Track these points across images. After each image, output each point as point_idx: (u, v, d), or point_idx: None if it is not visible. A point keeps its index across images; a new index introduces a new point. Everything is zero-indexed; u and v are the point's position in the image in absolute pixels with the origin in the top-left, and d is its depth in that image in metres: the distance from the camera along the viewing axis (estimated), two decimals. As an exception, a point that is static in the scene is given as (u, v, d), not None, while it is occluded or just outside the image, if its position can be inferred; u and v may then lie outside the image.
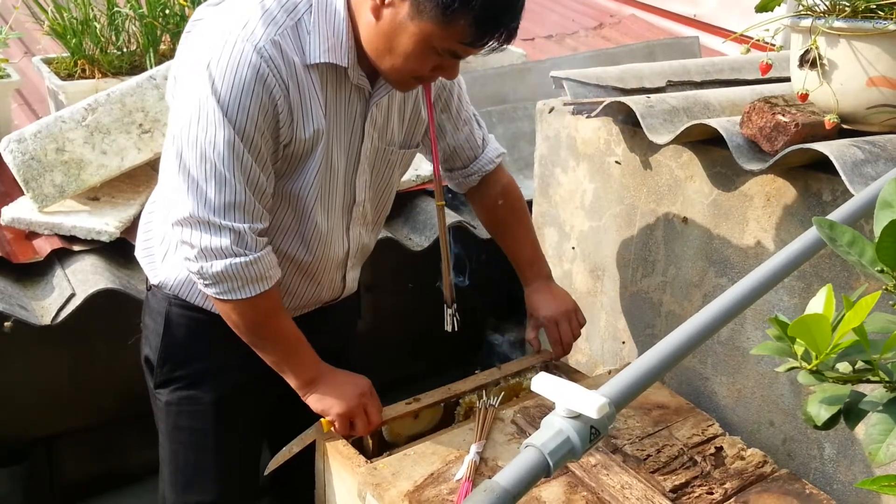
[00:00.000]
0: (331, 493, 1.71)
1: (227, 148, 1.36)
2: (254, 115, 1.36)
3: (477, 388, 1.81)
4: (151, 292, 1.68)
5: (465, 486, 1.51)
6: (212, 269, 1.41)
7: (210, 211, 1.39)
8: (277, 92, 1.37)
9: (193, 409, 1.67)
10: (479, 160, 1.82)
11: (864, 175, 1.43)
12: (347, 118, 1.51)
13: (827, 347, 0.70)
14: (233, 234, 1.40)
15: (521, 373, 1.89)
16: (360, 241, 1.69)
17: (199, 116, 1.36)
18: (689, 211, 1.89)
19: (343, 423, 1.59)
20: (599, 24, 4.48)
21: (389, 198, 1.74)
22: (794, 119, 1.56)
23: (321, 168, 1.50)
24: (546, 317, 1.86)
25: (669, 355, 0.94)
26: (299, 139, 1.44)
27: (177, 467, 1.72)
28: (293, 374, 1.57)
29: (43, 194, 2.09)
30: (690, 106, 1.87)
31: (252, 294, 1.45)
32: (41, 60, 2.52)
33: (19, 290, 1.98)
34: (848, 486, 1.65)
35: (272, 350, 1.56)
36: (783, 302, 1.71)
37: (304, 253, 1.59)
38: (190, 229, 1.41)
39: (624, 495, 1.49)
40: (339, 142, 1.51)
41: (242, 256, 1.41)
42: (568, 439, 0.83)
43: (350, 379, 1.62)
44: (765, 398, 1.79)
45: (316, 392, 1.58)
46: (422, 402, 1.75)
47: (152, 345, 1.67)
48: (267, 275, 1.46)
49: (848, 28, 1.53)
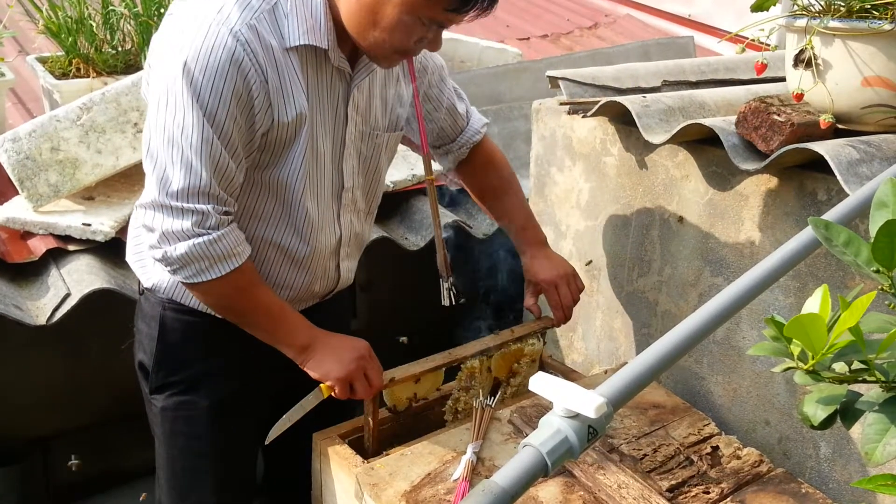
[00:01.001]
0: (328, 494, 1.71)
1: (195, 133, 1.34)
2: (226, 99, 1.34)
3: (478, 353, 1.79)
4: (144, 297, 1.67)
5: (462, 486, 1.51)
6: (175, 252, 1.39)
7: (173, 196, 1.37)
8: (253, 76, 1.36)
9: (190, 414, 1.65)
10: (465, 132, 1.83)
11: (859, 175, 1.44)
12: (330, 102, 1.51)
13: (823, 347, 0.71)
14: (195, 215, 1.38)
15: (521, 339, 1.87)
16: (352, 230, 1.67)
17: (168, 100, 1.35)
18: (685, 210, 1.90)
19: (343, 387, 1.55)
20: (595, 23, 4.49)
21: (379, 185, 1.72)
22: (789, 119, 1.57)
23: (307, 154, 1.49)
24: (545, 280, 1.86)
25: (666, 355, 0.95)
26: (281, 123, 1.43)
27: (174, 473, 1.71)
28: (285, 343, 1.54)
29: (38, 194, 2.09)
30: (686, 105, 1.88)
31: (222, 273, 1.42)
32: (36, 59, 2.51)
33: (14, 290, 1.98)
34: (843, 486, 1.65)
35: (258, 324, 1.53)
36: (779, 301, 1.71)
37: (297, 242, 1.57)
38: (153, 212, 1.39)
39: (621, 495, 1.49)
40: (323, 126, 1.50)
41: (205, 236, 1.39)
42: (566, 439, 0.83)
43: (347, 342, 1.58)
44: (760, 397, 1.79)
45: (313, 358, 1.54)
46: (423, 367, 1.72)
47: (147, 350, 1.65)
48: (234, 251, 1.43)
49: (843, 28, 1.53)
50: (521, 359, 1.88)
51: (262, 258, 1.57)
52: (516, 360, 1.88)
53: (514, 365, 1.88)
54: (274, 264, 1.58)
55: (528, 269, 1.90)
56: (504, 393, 1.88)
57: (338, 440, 1.70)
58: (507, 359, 1.86)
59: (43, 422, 2.48)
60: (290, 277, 1.62)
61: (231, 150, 1.39)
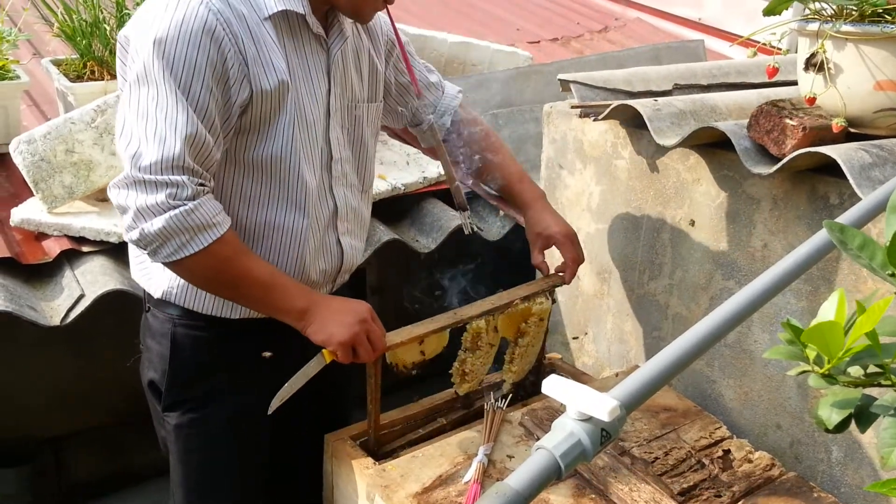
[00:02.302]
0: (339, 495, 1.71)
1: (170, 105, 1.33)
2: (201, 70, 1.33)
3: (484, 313, 1.73)
4: (151, 313, 1.63)
5: (474, 488, 1.52)
6: (152, 228, 1.33)
7: (146, 170, 1.32)
8: (227, 45, 1.35)
9: (205, 430, 1.63)
10: (443, 99, 1.85)
11: (871, 179, 1.44)
12: (313, 70, 1.51)
13: (839, 352, 0.71)
14: (169, 187, 1.32)
15: (529, 297, 1.80)
16: (347, 203, 1.65)
17: (142, 77, 1.34)
18: (696, 214, 1.90)
19: (345, 351, 1.51)
20: (604, 27, 4.49)
21: (368, 160, 1.71)
22: (801, 122, 1.57)
23: (296, 123, 1.48)
24: (558, 232, 1.80)
25: (679, 358, 0.95)
26: (264, 91, 1.42)
27: (190, 489, 1.68)
28: (283, 309, 1.48)
29: (52, 195, 2.10)
30: (697, 109, 1.88)
31: (204, 244, 1.37)
32: (50, 62, 2.53)
33: (29, 291, 1.99)
34: (856, 490, 1.65)
35: (251, 295, 1.47)
36: (790, 305, 1.71)
37: (299, 218, 1.54)
38: (126, 190, 1.34)
39: (632, 498, 1.49)
40: (309, 95, 1.51)
41: (181, 207, 1.33)
42: (579, 442, 0.83)
43: (348, 306, 1.53)
44: (772, 401, 1.79)
45: (314, 323, 1.49)
46: (427, 328, 1.67)
47: (157, 368, 1.62)
48: (213, 221, 1.37)
49: (855, 32, 1.53)
50: (529, 318, 1.82)
51: (264, 245, 1.54)
52: (524, 319, 1.82)
53: (522, 325, 1.82)
54: (275, 248, 1.55)
55: (536, 222, 1.83)
56: (512, 353, 1.84)
57: (349, 441, 1.70)
58: (515, 318, 1.81)
59: (55, 422, 2.50)
60: (292, 257, 1.58)
61: (208, 123, 1.37)
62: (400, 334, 1.64)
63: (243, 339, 1.60)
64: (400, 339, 1.62)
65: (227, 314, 1.57)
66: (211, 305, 1.56)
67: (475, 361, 1.77)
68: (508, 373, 1.88)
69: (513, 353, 1.85)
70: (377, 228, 2.36)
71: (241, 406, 1.62)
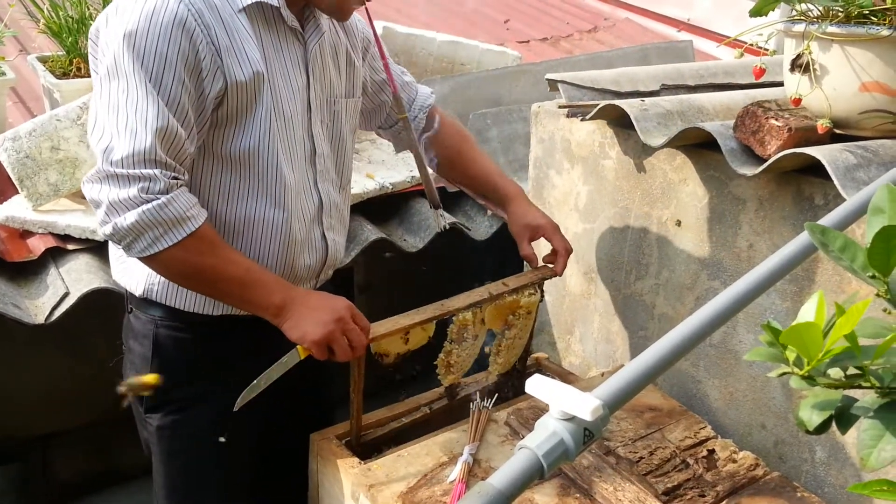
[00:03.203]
0: (324, 494, 1.71)
1: (140, 99, 1.31)
2: (172, 62, 1.32)
3: (471, 305, 1.72)
4: (133, 315, 1.61)
5: (459, 487, 1.52)
6: (125, 222, 1.32)
7: (118, 164, 1.31)
8: (199, 36, 1.34)
9: (188, 432, 1.62)
10: (417, 99, 1.86)
11: (856, 180, 1.44)
12: (290, 63, 1.51)
13: (818, 354, 0.71)
14: (142, 181, 1.31)
15: (518, 290, 1.79)
16: (330, 199, 1.65)
17: (112, 71, 1.33)
18: (683, 214, 1.90)
19: (319, 350, 1.47)
20: (594, 27, 4.49)
21: (347, 156, 1.71)
22: (787, 123, 1.57)
23: (273, 117, 1.47)
24: (546, 224, 1.82)
25: (663, 358, 0.95)
26: (239, 84, 1.41)
27: (174, 489, 1.67)
28: (260, 305, 1.45)
29: (37, 193, 2.09)
30: (684, 109, 1.88)
31: (177, 239, 1.35)
32: (36, 59, 2.51)
33: (13, 289, 1.98)
34: (839, 490, 1.66)
35: (227, 291, 1.45)
36: (775, 305, 1.72)
37: (278, 212, 1.53)
38: (99, 185, 1.33)
39: (617, 497, 1.50)
40: (286, 88, 1.50)
41: (154, 201, 1.32)
42: (562, 441, 0.83)
43: (326, 302, 1.49)
44: (756, 401, 1.80)
45: (289, 319, 1.46)
46: (412, 319, 1.64)
47: (139, 370, 1.59)
48: (187, 215, 1.35)
49: (841, 33, 1.54)
50: (517, 310, 1.81)
51: (245, 240, 1.53)
52: (512, 311, 1.81)
53: (510, 317, 1.81)
54: (257, 243, 1.53)
55: (522, 215, 1.83)
56: (498, 346, 1.84)
57: (335, 440, 1.70)
58: (502, 310, 1.80)
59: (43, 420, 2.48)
60: (274, 252, 1.56)
61: (180, 117, 1.35)
62: (385, 325, 1.61)
63: (227, 339, 1.59)
64: (385, 330, 1.60)
65: (209, 311, 1.56)
66: (193, 303, 1.55)
67: (461, 353, 1.75)
68: (495, 364, 1.88)
69: (499, 346, 1.85)
70: (364, 227, 2.36)
71: (226, 407, 1.57)
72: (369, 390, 1.67)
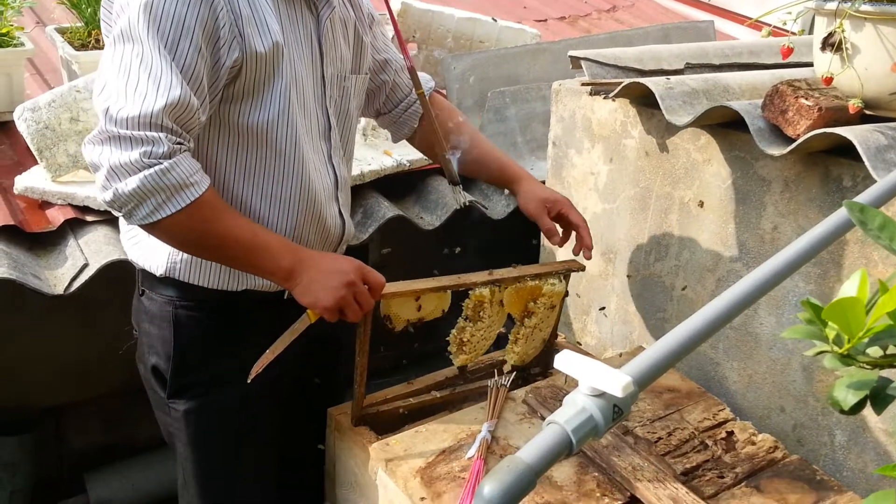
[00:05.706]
0: (341, 468, 1.71)
1: (154, 63, 1.27)
2: (190, 28, 1.29)
3: (489, 282, 1.68)
4: (147, 297, 1.58)
5: (477, 463, 1.51)
6: (126, 188, 1.26)
7: (122, 124, 1.26)
8: (221, 4, 1.32)
9: (216, 414, 1.59)
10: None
11: (886, 161, 1.42)
12: (305, 37, 1.50)
13: (860, 331, 0.70)
14: (145, 144, 1.26)
15: (541, 276, 1.76)
16: (341, 173, 1.63)
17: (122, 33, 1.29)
18: (706, 195, 1.88)
19: (331, 315, 1.45)
20: (613, 6, 4.44)
21: (352, 132, 1.69)
22: (817, 103, 1.55)
23: (293, 88, 1.45)
24: (562, 199, 1.79)
25: (691, 338, 0.94)
26: (258, 55, 1.38)
27: (208, 479, 1.63)
28: (269, 270, 1.42)
29: (56, 164, 2.09)
30: (710, 88, 1.86)
31: (180, 206, 1.30)
32: (55, 30, 2.50)
33: (32, 259, 1.98)
34: (858, 474, 1.65)
35: (234, 256, 1.41)
36: (799, 288, 1.70)
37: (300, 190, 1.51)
38: (100, 147, 1.27)
39: (635, 477, 1.49)
40: (301, 61, 1.48)
41: (156, 166, 1.26)
42: (591, 417, 0.83)
43: (336, 265, 1.46)
44: (776, 384, 1.78)
45: (299, 284, 1.43)
46: (426, 284, 1.63)
47: (161, 353, 1.56)
48: (190, 181, 1.30)
49: (874, 12, 1.51)
50: (539, 298, 1.78)
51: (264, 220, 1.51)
52: (533, 298, 1.77)
53: (531, 304, 1.78)
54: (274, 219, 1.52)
55: (535, 192, 1.80)
56: (517, 333, 1.81)
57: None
58: (523, 295, 1.76)
59: (57, 391, 2.50)
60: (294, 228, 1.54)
61: (194, 85, 1.32)
62: (397, 285, 1.59)
63: (249, 316, 1.57)
64: (395, 290, 1.58)
65: (233, 287, 1.53)
66: (217, 278, 1.52)
67: (475, 332, 1.73)
68: (511, 353, 1.85)
69: (517, 334, 1.82)
70: (381, 204, 2.35)
71: (253, 385, 1.52)
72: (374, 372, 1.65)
